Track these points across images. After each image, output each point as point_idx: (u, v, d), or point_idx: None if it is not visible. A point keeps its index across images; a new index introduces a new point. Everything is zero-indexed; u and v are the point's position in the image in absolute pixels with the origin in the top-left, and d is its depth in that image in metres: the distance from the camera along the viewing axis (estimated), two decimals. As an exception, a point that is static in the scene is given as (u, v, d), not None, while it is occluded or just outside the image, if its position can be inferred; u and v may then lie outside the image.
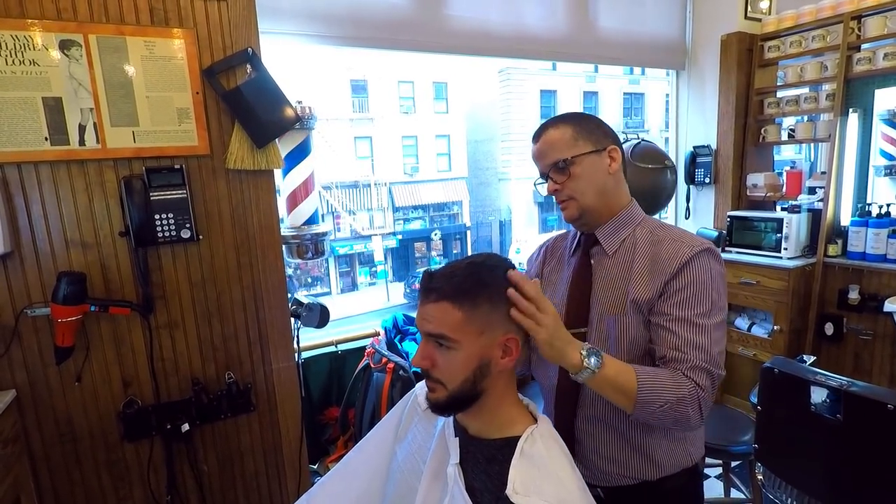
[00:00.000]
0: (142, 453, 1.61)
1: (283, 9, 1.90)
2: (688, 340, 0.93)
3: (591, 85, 18.79)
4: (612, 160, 1.03)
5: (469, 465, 0.81)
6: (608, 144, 1.03)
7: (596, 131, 1.03)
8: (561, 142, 1.02)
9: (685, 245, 0.97)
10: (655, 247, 1.00)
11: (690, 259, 0.95)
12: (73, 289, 1.38)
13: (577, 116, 1.05)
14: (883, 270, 2.43)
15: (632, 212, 1.06)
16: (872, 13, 2.41)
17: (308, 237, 1.89)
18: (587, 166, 1.02)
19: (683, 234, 1.01)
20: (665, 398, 0.88)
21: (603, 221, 1.05)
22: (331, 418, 2.14)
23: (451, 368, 0.78)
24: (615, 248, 1.04)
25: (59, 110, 1.37)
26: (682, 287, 0.95)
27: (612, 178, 1.04)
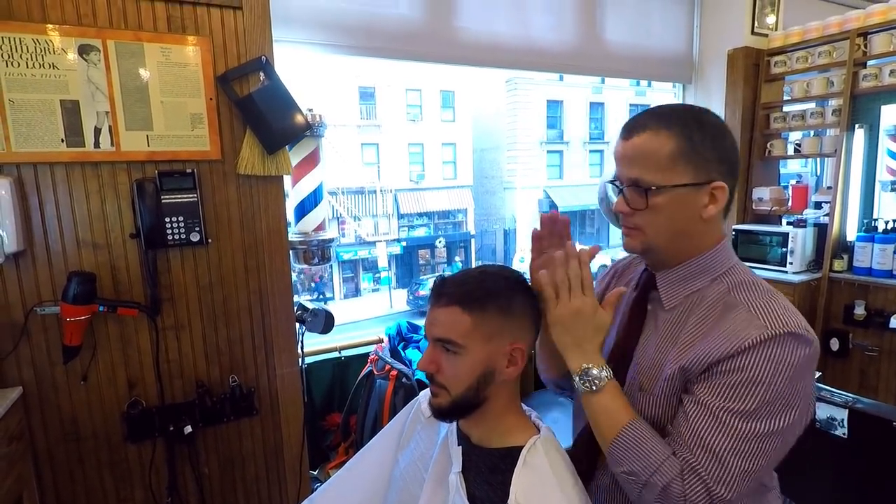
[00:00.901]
0: (144, 454, 1.61)
1: (296, 18, 1.93)
2: (699, 434, 0.72)
3: (597, 96, 18.88)
4: (711, 201, 0.78)
5: (471, 473, 0.81)
6: (715, 177, 0.77)
7: (708, 153, 0.77)
8: (654, 157, 0.77)
9: (759, 324, 0.72)
10: (724, 313, 0.77)
11: (758, 345, 0.71)
12: (83, 288, 1.39)
13: (695, 124, 0.77)
14: (889, 286, 2.42)
15: (713, 259, 0.81)
16: (878, 30, 2.42)
17: (315, 243, 1.91)
18: (675, 202, 0.78)
19: (768, 307, 0.74)
20: (633, 468, 0.74)
21: (672, 264, 0.83)
22: (332, 424, 2.14)
23: (455, 374, 0.79)
24: (675, 303, 0.83)
25: (76, 113, 1.39)
26: (728, 371, 0.72)
27: (702, 222, 0.79)
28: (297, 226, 1.93)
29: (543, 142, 18.45)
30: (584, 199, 18.04)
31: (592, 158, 19.25)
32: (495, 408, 0.82)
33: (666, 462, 0.73)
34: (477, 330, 0.78)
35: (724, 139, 0.79)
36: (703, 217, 0.79)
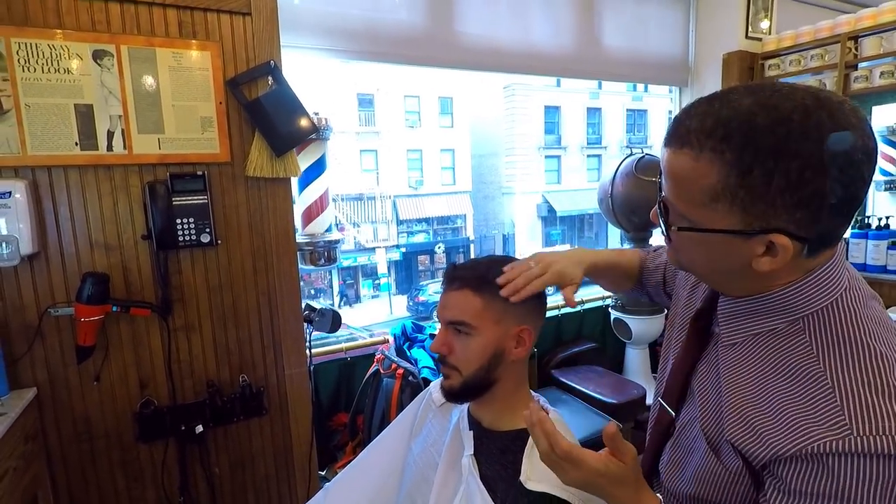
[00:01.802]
0: (156, 454, 1.64)
1: (303, 24, 1.97)
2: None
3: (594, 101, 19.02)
4: (768, 253, 0.56)
5: (483, 456, 0.85)
6: (777, 226, 0.54)
7: (775, 195, 0.53)
8: (689, 187, 0.57)
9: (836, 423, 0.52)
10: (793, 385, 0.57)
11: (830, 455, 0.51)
12: (97, 289, 1.42)
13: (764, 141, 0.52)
14: (884, 281, 2.47)
15: (793, 296, 0.59)
16: (868, 34, 2.48)
17: (321, 244, 1.94)
18: (713, 245, 0.59)
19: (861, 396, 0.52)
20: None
21: (731, 294, 0.66)
22: (340, 424, 2.16)
23: (467, 354, 0.82)
24: (736, 339, 0.65)
25: (90, 117, 1.43)
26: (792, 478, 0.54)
27: (752, 272, 0.58)
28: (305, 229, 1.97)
29: (541, 147, 18.55)
30: (582, 204, 18.12)
31: (590, 163, 19.35)
32: (505, 390, 0.85)
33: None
34: (487, 311, 0.81)
35: (817, 180, 0.51)
36: (753, 267, 0.57)
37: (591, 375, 2.49)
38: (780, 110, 0.52)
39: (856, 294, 0.60)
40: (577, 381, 2.42)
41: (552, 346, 2.70)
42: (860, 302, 0.59)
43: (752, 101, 0.53)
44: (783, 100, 0.52)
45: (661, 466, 0.75)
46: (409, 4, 2.26)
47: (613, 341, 2.89)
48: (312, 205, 1.99)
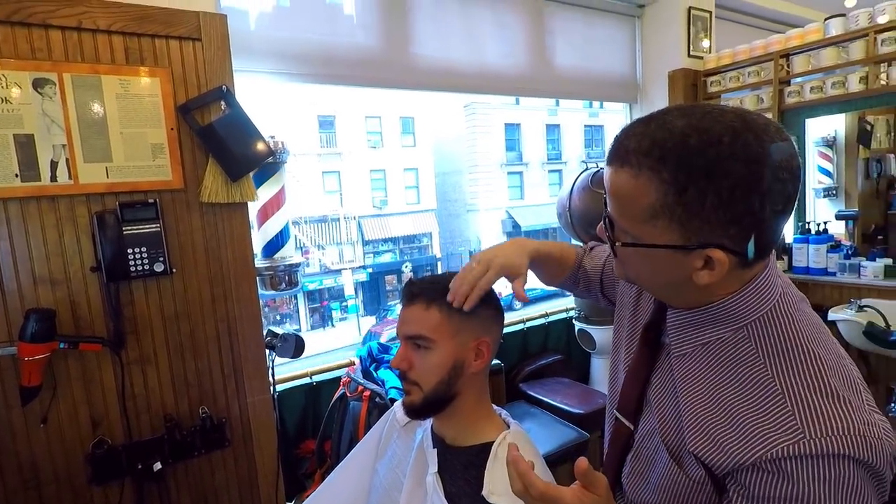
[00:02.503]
0: (111, 496, 1.56)
1: (257, 48, 1.97)
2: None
3: (553, 118, 19.51)
4: (706, 267, 0.59)
5: (447, 473, 0.85)
6: (714, 242, 0.57)
7: (710, 212, 0.56)
8: (630, 204, 0.59)
9: (792, 430, 0.54)
10: (752, 389, 0.59)
11: (787, 459, 0.54)
12: (41, 326, 1.36)
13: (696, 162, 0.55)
14: (825, 283, 2.60)
15: (735, 304, 0.62)
16: (798, 52, 2.65)
17: (281, 268, 1.91)
18: (650, 259, 0.62)
19: (811, 402, 0.55)
20: None
21: (678, 306, 0.67)
22: (307, 451, 2.11)
23: (427, 369, 0.83)
24: (685, 350, 0.66)
25: (31, 147, 1.38)
26: (754, 485, 0.56)
27: (694, 284, 0.60)
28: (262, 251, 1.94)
29: (503, 164, 18.86)
30: (545, 219, 18.43)
31: (552, 178, 19.76)
32: (466, 404, 0.86)
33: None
34: (445, 325, 0.82)
35: (747, 198, 0.55)
36: (693, 280, 0.60)
37: (557, 387, 2.52)
38: (711, 132, 0.55)
39: (789, 299, 0.64)
40: (545, 393, 2.44)
41: (519, 359, 2.73)
42: (793, 306, 0.63)
43: (684, 123, 0.56)
44: (713, 122, 0.55)
45: (623, 478, 0.76)
46: (366, 28, 2.28)
47: (578, 352, 2.93)
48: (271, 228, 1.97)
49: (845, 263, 2.54)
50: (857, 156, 2.94)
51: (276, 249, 1.96)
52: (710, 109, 0.57)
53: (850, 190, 3.01)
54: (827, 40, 2.53)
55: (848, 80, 2.48)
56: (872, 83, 2.40)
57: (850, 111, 2.76)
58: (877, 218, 2.90)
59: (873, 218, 2.88)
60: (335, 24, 2.20)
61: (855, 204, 2.97)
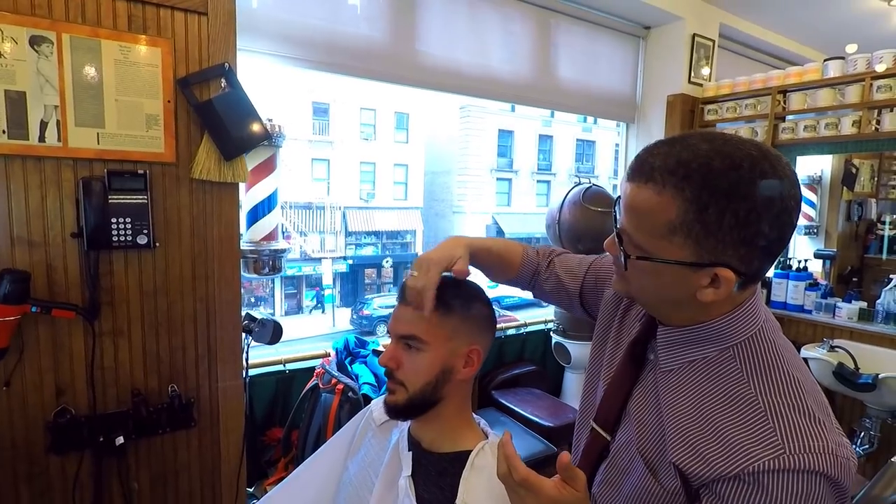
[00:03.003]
0: (68, 467, 1.52)
1: (261, 28, 1.94)
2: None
3: (546, 129, 19.61)
4: (712, 285, 0.62)
5: (421, 477, 0.84)
6: (723, 261, 0.60)
7: (724, 233, 0.59)
8: (650, 219, 0.62)
9: (773, 446, 0.57)
10: (734, 405, 0.62)
11: (766, 473, 0.57)
12: (14, 287, 1.32)
13: (726, 186, 0.58)
14: (801, 319, 2.66)
15: (724, 325, 0.65)
16: (795, 90, 2.71)
17: (266, 253, 1.89)
18: (661, 274, 0.64)
19: (791, 420, 0.59)
20: None
21: (670, 324, 0.70)
22: (273, 439, 2.09)
23: (415, 370, 0.82)
24: (672, 366, 0.69)
25: (22, 104, 1.34)
26: (730, 494, 0.59)
27: (695, 300, 0.63)
28: (248, 232, 1.91)
29: (494, 169, 18.90)
30: (530, 227, 18.52)
31: (540, 188, 19.87)
32: (448, 410, 0.85)
33: None
34: (440, 328, 0.82)
35: (759, 221, 0.58)
36: (697, 297, 0.63)
37: (529, 398, 2.53)
38: (733, 158, 0.58)
39: (771, 325, 0.68)
40: (516, 402, 2.45)
41: (494, 366, 2.74)
42: (774, 332, 0.68)
43: (708, 147, 0.59)
44: (734, 149, 0.59)
45: (594, 487, 0.78)
46: (370, 19, 2.27)
47: (553, 365, 2.96)
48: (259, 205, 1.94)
49: (822, 302, 2.60)
50: (840, 197, 3.02)
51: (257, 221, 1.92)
52: (730, 137, 0.61)
53: (831, 230, 3.09)
54: (824, 81, 2.59)
55: (841, 123, 2.54)
56: (864, 128, 2.46)
57: (839, 153, 2.84)
58: (853, 260, 2.98)
59: (850, 260, 2.96)
60: (339, 13, 2.18)
61: (834, 244, 3.05)
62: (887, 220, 2.93)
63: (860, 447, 2.26)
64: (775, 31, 3.56)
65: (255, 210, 1.91)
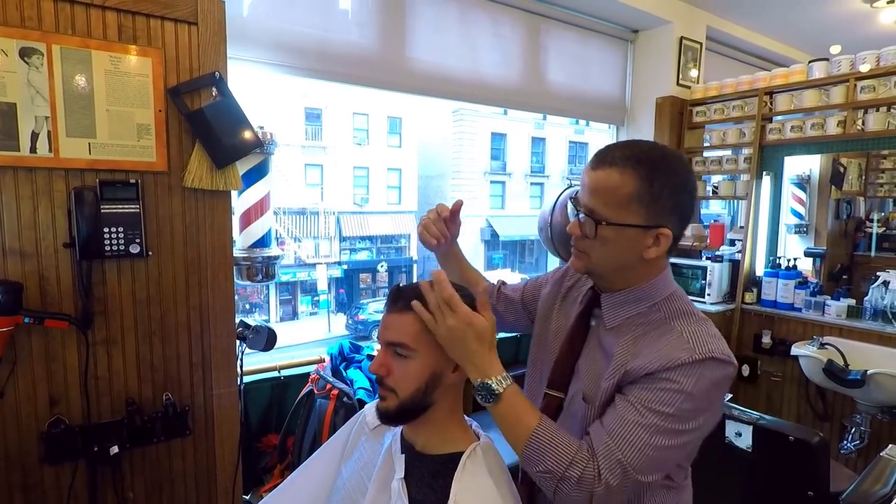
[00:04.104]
0: (62, 478, 1.52)
1: (251, 37, 1.95)
2: (623, 421, 0.79)
3: (539, 132, 19.67)
4: (654, 244, 0.84)
5: (414, 479, 0.85)
6: (663, 224, 0.83)
7: (663, 201, 0.82)
8: (614, 194, 0.82)
9: (689, 348, 0.80)
10: (660, 336, 0.84)
11: (686, 364, 0.79)
12: (7, 298, 1.32)
13: (658, 171, 0.82)
14: (791, 318, 2.69)
15: (652, 288, 0.88)
16: (782, 91, 2.75)
17: (259, 260, 1.90)
18: (622, 238, 0.84)
19: (697, 334, 0.82)
20: (549, 467, 0.77)
21: (614, 289, 0.91)
22: (269, 446, 2.09)
23: (405, 377, 0.83)
24: (615, 323, 0.90)
25: (12, 116, 1.34)
26: (658, 380, 0.80)
27: (643, 260, 0.86)
28: (241, 238, 1.92)
29: (487, 172, 18.95)
30: (524, 230, 18.57)
31: (533, 191, 19.93)
32: (440, 414, 0.86)
33: (578, 453, 0.78)
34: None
35: (683, 192, 0.84)
36: (644, 257, 0.85)
37: (524, 399, 2.54)
38: (663, 151, 0.87)
39: (679, 291, 0.92)
40: (512, 404, 2.46)
41: (489, 369, 2.74)
42: (682, 295, 0.92)
43: (647, 146, 0.87)
44: (661, 147, 0.87)
45: None
46: (361, 26, 2.29)
47: (548, 365, 2.96)
48: (252, 218, 1.95)
49: (811, 300, 2.63)
50: (828, 196, 3.06)
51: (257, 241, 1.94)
52: (654, 143, 0.90)
53: (820, 228, 3.13)
54: (810, 82, 2.63)
55: (827, 123, 2.58)
56: (849, 127, 2.50)
57: (826, 153, 2.87)
58: (843, 258, 3.01)
59: (840, 257, 2.99)
60: (330, 20, 2.19)
61: (824, 242, 3.08)
62: (875, 217, 2.96)
63: (851, 443, 2.29)
64: (761, 32, 3.61)
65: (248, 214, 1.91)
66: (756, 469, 1.46)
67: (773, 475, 1.44)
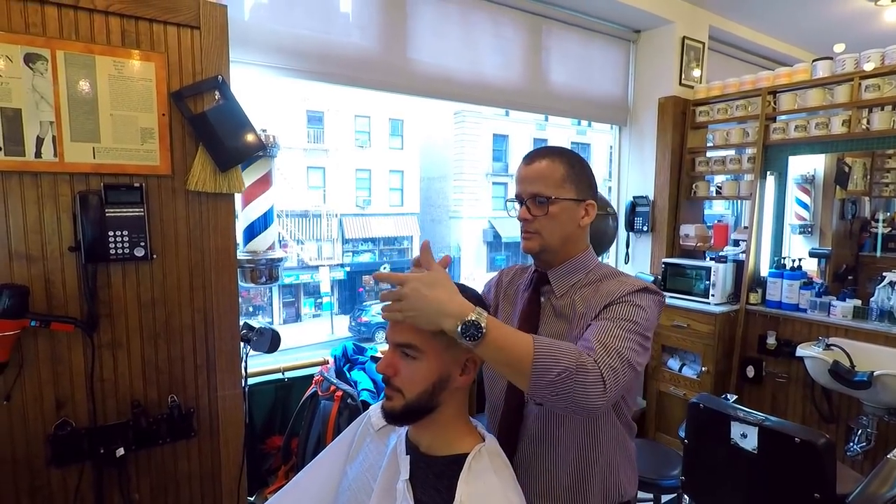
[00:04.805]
0: (69, 480, 1.52)
1: (253, 40, 1.96)
2: (606, 329, 0.92)
3: (541, 132, 19.63)
4: (586, 213, 1.08)
5: (419, 481, 0.85)
6: (588, 198, 1.08)
7: (584, 181, 1.08)
8: (551, 178, 1.05)
9: (627, 284, 1.02)
10: (601, 286, 1.05)
11: (631, 293, 1.00)
12: (13, 302, 1.33)
13: (574, 160, 1.09)
14: (796, 318, 2.67)
15: (586, 258, 1.11)
16: (785, 90, 2.74)
17: (263, 262, 1.90)
18: (564, 211, 1.06)
19: (627, 279, 1.06)
20: (563, 365, 0.80)
21: (558, 263, 1.10)
22: (273, 447, 2.09)
23: (412, 378, 0.83)
24: (564, 291, 1.09)
25: (17, 121, 1.35)
26: (620, 303, 0.99)
27: (579, 229, 1.09)
28: (247, 246, 1.93)
29: (489, 174, 18.93)
30: (527, 231, 18.52)
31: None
32: (445, 415, 0.86)
33: (577, 349, 0.86)
34: (437, 337, 0.83)
35: (591, 175, 1.12)
36: (580, 225, 1.09)
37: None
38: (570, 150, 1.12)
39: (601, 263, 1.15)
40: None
41: (492, 370, 2.74)
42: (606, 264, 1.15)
43: (560, 147, 1.13)
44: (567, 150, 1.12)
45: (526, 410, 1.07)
46: (362, 28, 2.29)
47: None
48: (256, 221, 1.96)
49: (816, 301, 2.61)
50: (833, 196, 3.04)
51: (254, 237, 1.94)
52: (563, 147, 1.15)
53: (825, 228, 3.11)
54: (814, 81, 2.62)
55: (831, 122, 2.57)
56: (854, 127, 2.48)
57: (831, 152, 2.86)
58: (848, 258, 3.00)
59: (845, 258, 2.98)
60: (331, 22, 2.20)
61: (829, 243, 3.07)
62: (881, 217, 2.95)
63: (857, 444, 2.27)
64: (764, 32, 3.60)
65: (252, 226, 1.92)
66: (761, 471, 1.46)
67: (779, 477, 1.43)
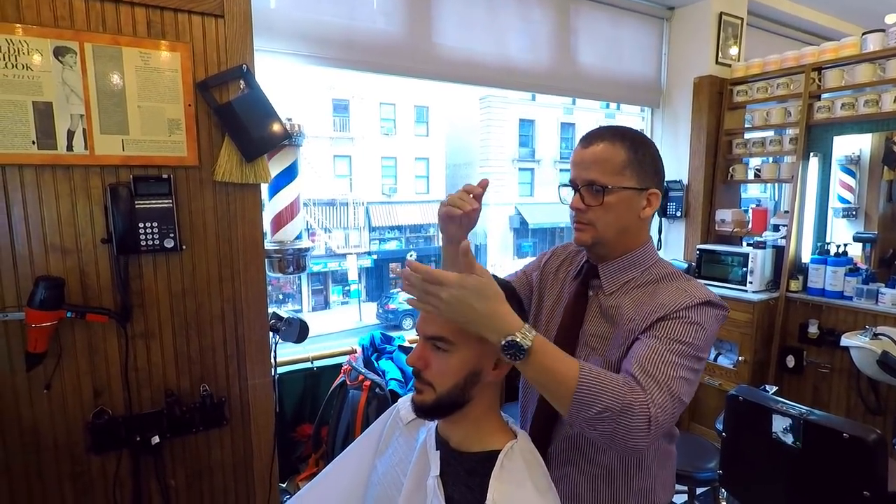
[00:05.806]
0: (108, 466, 1.57)
1: (278, 28, 1.95)
2: (657, 353, 0.84)
3: (568, 117, 19.29)
4: (648, 204, 0.97)
5: (450, 477, 0.83)
6: (651, 187, 0.96)
7: (648, 167, 0.95)
8: (610, 163, 0.93)
9: (686, 295, 0.91)
10: (657, 291, 0.94)
11: (690, 307, 0.89)
12: (50, 294, 1.36)
13: (638, 142, 0.96)
14: (840, 307, 2.56)
15: (644, 253, 1.00)
16: (831, 66, 2.59)
17: (290, 252, 1.90)
18: (623, 201, 0.94)
19: (689, 286, 0.94)
20: (606, 404, 0.75)
21: (612, 257, 0.99)
22: (303, 435, 2.12)
23: (443, 371, 0.81)
24: (614, 289, 0.99)
25: (49, 115, 1.37)
26: (675, 318, 0.89)
27: (640, 220, 0.98)
28: (274, 236, 1.93)
29: (515, 159, 18.72)
30: (554, 217, 18.33)
31: (563, 178, 19.54)
32: (476, 410, 0.84)
33: (626, 383, 0.79)
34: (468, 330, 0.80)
35: (658, 159, 0.99)
36: (640, 217, 0.98)
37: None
38: (634, 129, 1.00)
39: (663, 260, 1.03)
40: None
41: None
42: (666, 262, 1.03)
43: (622, 126, 1.01)
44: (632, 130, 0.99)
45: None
46: (387, 14, 2.26)
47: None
48: (283, 211, 1.96)
49: (863, 288, 2.49)
50: (880, 177, 2.89)
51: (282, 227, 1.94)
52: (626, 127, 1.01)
53: (871, 212, 2.96)
54: (863, 56, 2.47)
55: (882, 99, 2.42)
56: (907, 104, 2.34)
57: (880, 131, 2.70)
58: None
59: (892, 242, 2.82)
60: (356, 9, 2.17)
61: (875, 227, 2.92)
62: (932, 199, 2.79)
63: (907, 437, 2.17)
64: (808, 5, 3.41)
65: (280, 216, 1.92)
66: (805, 466, 1.39)
67: (825, 473, 1.37)
